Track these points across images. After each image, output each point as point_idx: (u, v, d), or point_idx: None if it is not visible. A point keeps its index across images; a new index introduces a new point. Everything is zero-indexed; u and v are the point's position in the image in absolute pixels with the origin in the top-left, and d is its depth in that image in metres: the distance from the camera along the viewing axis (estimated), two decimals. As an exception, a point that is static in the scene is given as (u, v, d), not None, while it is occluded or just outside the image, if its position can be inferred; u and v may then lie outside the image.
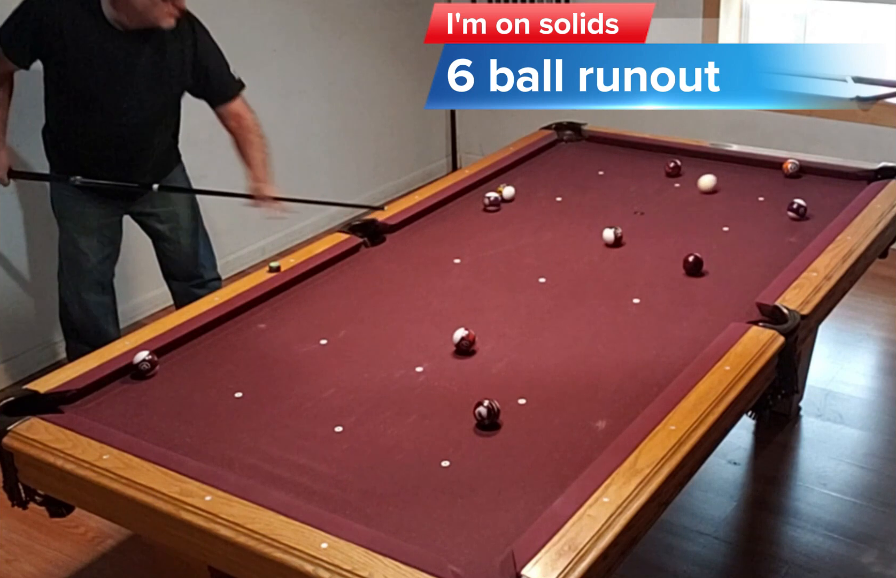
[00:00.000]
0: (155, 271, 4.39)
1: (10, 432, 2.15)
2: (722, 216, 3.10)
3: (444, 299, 2.71)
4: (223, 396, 2.32)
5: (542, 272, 2.82)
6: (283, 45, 4.79)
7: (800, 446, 3.38)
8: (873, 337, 4.03)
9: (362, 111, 5.30)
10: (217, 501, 1.87)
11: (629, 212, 3.18)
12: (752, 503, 3.12)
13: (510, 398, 2.20)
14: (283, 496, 1.91)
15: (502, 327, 2.54)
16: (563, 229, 3.10)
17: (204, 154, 4.51)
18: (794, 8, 4.86)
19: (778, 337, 2.33)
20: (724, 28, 4.81)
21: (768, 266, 2.72)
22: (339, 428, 2.16)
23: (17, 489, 2.19)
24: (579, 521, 1.76)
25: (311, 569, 1.71)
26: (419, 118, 5.67)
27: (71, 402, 2.30)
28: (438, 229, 3.17)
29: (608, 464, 1.91)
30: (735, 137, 4.55)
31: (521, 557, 1.69)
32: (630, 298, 2.65)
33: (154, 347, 2.47)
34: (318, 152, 5.10)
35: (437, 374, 2.35)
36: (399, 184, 5.51)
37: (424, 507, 1.90)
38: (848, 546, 2.88)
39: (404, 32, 5.46)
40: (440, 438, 2.11)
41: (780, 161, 3.42)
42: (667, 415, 2.05)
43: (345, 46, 5.12)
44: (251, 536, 1.79)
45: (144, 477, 1.97)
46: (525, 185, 3.44)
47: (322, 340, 2.53)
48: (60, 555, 3.00)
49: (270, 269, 2.83)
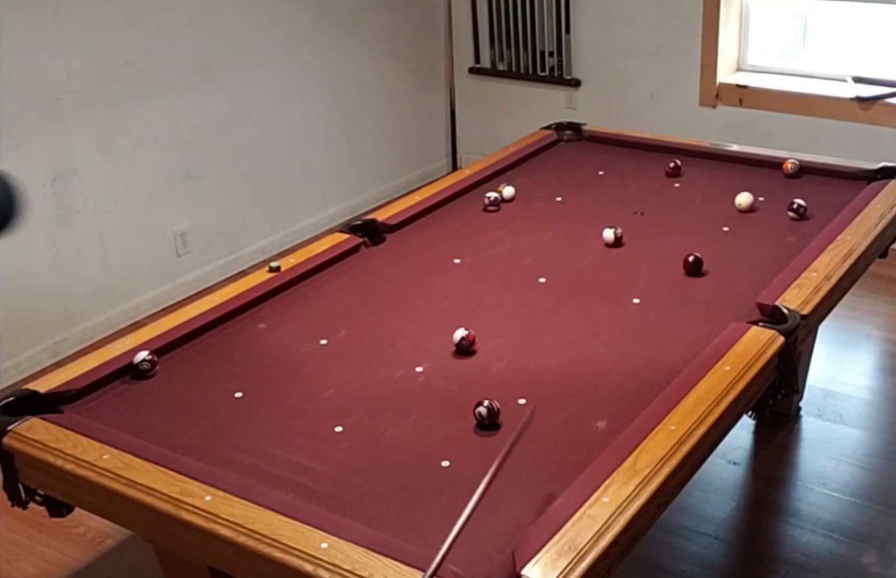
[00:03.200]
0: (155, 270, 4.40)
1: (10, 432, 2.15)
2: (722, 216, 3.10)
3: (444, 299, 2.71)
4: (223, 396, 2.32)
5: (542, 272, 2.82)
6: (283, 45, 4.80)
7: (800, 446, 3.38)
8: (873, 337, 4.03)
9: (362, 111, 5.30)
10: (217, 501, 1.87)
11: (629, 212, 3.18)
12: (752, 503, 3.12)
13: (510, 398, 2.20)
14: (283, 496, 1.91)
15: (502, 327, 2.54)
16: (562, 229, 3.10)
17: (204, 154, 4.52)
18: (794, 8, 4.87)
19: (778, 337, 2.33)
20: (724, 28, 4.81)
21: (768, 266, 2.72)
22: (339, 428, 2.16)
23: (17, 489, 2.19)
24: (579, 521, 1.76)
25: (311, 569, 1.71)
26: (419, 118, 5.67)
27: (71, 402, 2.30)
28: (438, 229, 3.17)
29: (608, 464, 1.91)
30: (735, 137, 4.56)
31: (521, 557, 1.69)
32: (630, 298, 2.65)
33: (154, 347, 2.47)
34: (318, 152, 5.10)
35: (437, 374, 2.35)
36: (399, 184, 5.51)
37: (424, 507, 1.90)
38: (848, 546, 2.88)
39: (404, 32, 5.46)
40: (440, 438, 2.11)
41: (780, 161, 3.42)
42: (667, 415, 2.05)
43: (345, 46, 5.12)
44: (251, 536, 1.79)
45: (144, 477, 1.97)
46: (525, 185, 3.44)
47: (322, 340, 2.53)
48: (60, 555, 3.00)
49: (270, 269, 2.83)
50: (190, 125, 4.44)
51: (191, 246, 4.53)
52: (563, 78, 5.31)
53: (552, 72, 5.34)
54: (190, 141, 4.45)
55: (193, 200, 4.51)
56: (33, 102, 3.83)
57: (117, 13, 4.05)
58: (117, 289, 4.26)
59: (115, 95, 4.10)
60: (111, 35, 4.04)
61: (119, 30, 4.06)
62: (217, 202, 4.62)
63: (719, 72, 4.88)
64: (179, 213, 4.46)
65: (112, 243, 4.20)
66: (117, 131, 4.13)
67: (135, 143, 4.21)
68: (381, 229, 3.10)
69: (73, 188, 4.01)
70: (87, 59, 3.97)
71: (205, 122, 4.51)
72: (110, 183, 4.15)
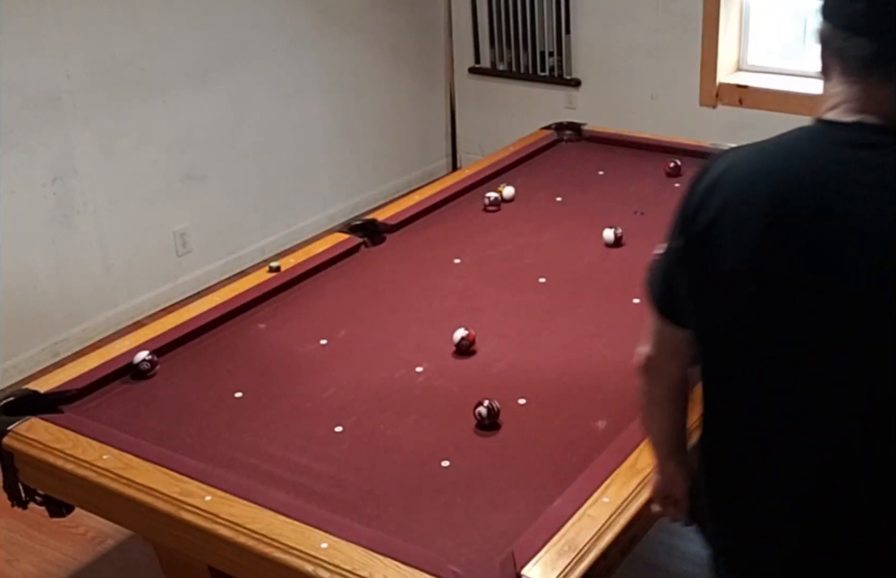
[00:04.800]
0: (155, 270, 4.39)
1: (10, 432, 2.15)
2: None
3: (444, 299, 2.71)
4: (223, 396, 2.32)
5: (542, 272, 2.81)
6: (283, 45, 4.79)
7: (800, 446, 3.37)
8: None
9: (362, 111, 5.30)
10: (217, 501, 1.87)
11: (629, 212, 3.18)
12: (752, 503, 3.12)
13: (510, 398, 2.20)
14: (283, 496, 1.91)
15: (502, 327, 2.54)
16: (562, 229, 3.10)
17: (204, 154, 4.51)
18: (794, 8, 4.86)
19: (778, 337, 2.33)
20: (724, 28, 4.81)
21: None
22: (339, 428, 2.16)
23: (17, 489, 2.19)
24: (579, 521, 1.76)
25: (311, 569, 1.71)
26: (419, 118, 5.67)
27: (71, 402, 2.30)
28: (438, 229, 3.17)
29: (608, 464, 1.91)
30: (735, 137, 4.55)
31: (521, 557, 1.69)
32: (630, 298, 2.65)
33: (154, 347, 2.47)
34: (318, 152, 5.10)
35: (437, 374, 2.35)
36: (399, 184, 5.51)
37: (424, 507, 1.90)
38: (848, 546, 2.87)
39: (404, 32, 5.46)
40: (440, 438, 2.11)
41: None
42: (667, 415, 2.05)
43: (345, 46, 5.12)
44: (251, 536, 1.79)
45: (144, 477, 1.97)
46: (525, 185, 3.44)
47: (322, 340, 2.53)
48: (60, 555, 3.00)
49: (270, 269, 2.83)
50: (190, 125, 4.43)
51: (191, 246, 4.53)
52: (563, 78, 5.31)
53: (552, 72, 5.34)
54: (190, 141, 4.44)
55: (193, 200, 4.51)
56: (33, 102, 3.82)
57: (117, 13, 4.04)
58: (117, 289, 4.25)
59: (115, 95, 4.09)
60: (111, 35, 4.04)
61: (119, 30, 4.06)
62: (217, 202, 4.62)
63: (719, 72, 4.87)
64: (179, 213, 4.46)
65: (112, 243, 4.19)
66: (117, 131, 4.13)
67: (135, 143, 4.21)
68: (381, 229, 3.10)
69: (73, 188, 4.01)
70: (87, 59, 3.97)
71: (205, 122, 4.50)
72: (110, 183, 4.14)
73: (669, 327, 1.51)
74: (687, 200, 1.42)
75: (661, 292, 1.51)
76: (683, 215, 1.41)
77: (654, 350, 1.55)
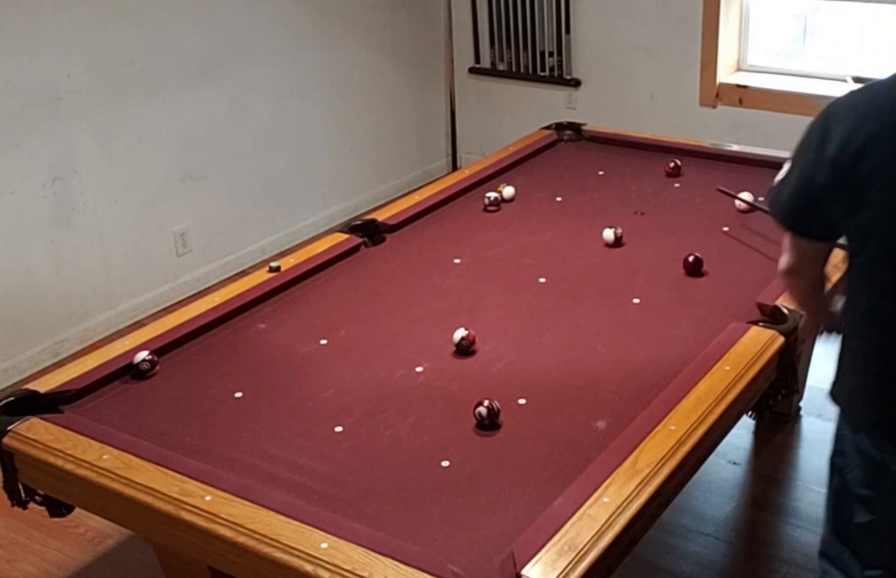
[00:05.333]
0: (155, 270, 4.39)
1: (10, 432, 2.15)
2: (722, 216, 3.10)
3: (444, 299, 2.71)
4: (223, 396, 2.32)
5: (542, 272, 2.81)
6: (283, 45, 4.79)
7: (800, 446, 3.37)
8: (873, 337, 4.03)
9: (362, 111, 5.30)
10: (217, 501, 1.87)
11: (629, 212, 3.18)
12: (752, 503, 3.12)
13: (510, 398, 2.20)
14: (283, 496, 1.91)
15: (502, 327, 2.54)
16: (563, 229, 3.10)
17: (204, 154, 4.52)
18: (794, 8, 4.86)
19: (778, 337, 2.33)
20: (724, 28, 4.81)
21: (768, 266, 2.72)
22: (339, 428, 2.16)
23: (17, 489, 2.19)
24: (579, 521, 1.76)
25: (311, 569, 1.71)
26: (419, 118, 5.67)
27: (71, 402, 2.30)
28: (438, 229, 3.17)
29: (608, 464, 1.91)
30: (735, 137, 4.56)
31: (521, 557, 1.69)
32: (630, 298, 2.65)
33: (154, 347, 2.47)
34: (318, 152, 5.10)
35: (437, 374, 2.35)
36: (399, 184, 5.51)
37: (424, 507, 1.90)
38: (848, 546, 2.87)
39: (404, 32, 5.46)
40: (440, 438, 2.11)
41: (780, 161, 3.41)
42: (667, 415, 2.05)
43: (345, 46, 5.12)
44: (251, 536, 1.79)
45: (144, 477, 1.97)
46: (525, 185, 3.44)
47: (322, 340, 2.53)
48: (60, 555, 3.00)
49: (270, 269, 2.83)
50: (190, 125, 4.43)
51: (191, 246, 4.53)
52: (563, 78, 5.31)
53: (552, 72, 5.34)
54: (190, 141, 4.44)
55: (193, 200, 4.51)
56: (33, 102, 3.83)
57: (117, 13, 4.05)
58: (117, 289, 4.26)
59: (115, 95, 4.09)
60: (111, 35, 4.04)
61: (119, 30, 4.06)
62: (217, 202, 4.62)
63: (719, 72, 4.87)
64: (179, 213, 4.46)
65: (112, 242, 4.20)
66: (117, 131, 4.13)
67: (135, 143, 4.21)
68: (381, 229, 3.10)
69: (73, 188, 4.01)
70: (87, 59, 3.97)
71: (205, 122, 4.50)
72: (110, 183, 4.15)
73: (805, 241, 1.86)
74: (823, 137, 1.72)
75: (794, 214, 1.84)
76: (824, 153, 1.71)
77: (794, 259, 1.91)
